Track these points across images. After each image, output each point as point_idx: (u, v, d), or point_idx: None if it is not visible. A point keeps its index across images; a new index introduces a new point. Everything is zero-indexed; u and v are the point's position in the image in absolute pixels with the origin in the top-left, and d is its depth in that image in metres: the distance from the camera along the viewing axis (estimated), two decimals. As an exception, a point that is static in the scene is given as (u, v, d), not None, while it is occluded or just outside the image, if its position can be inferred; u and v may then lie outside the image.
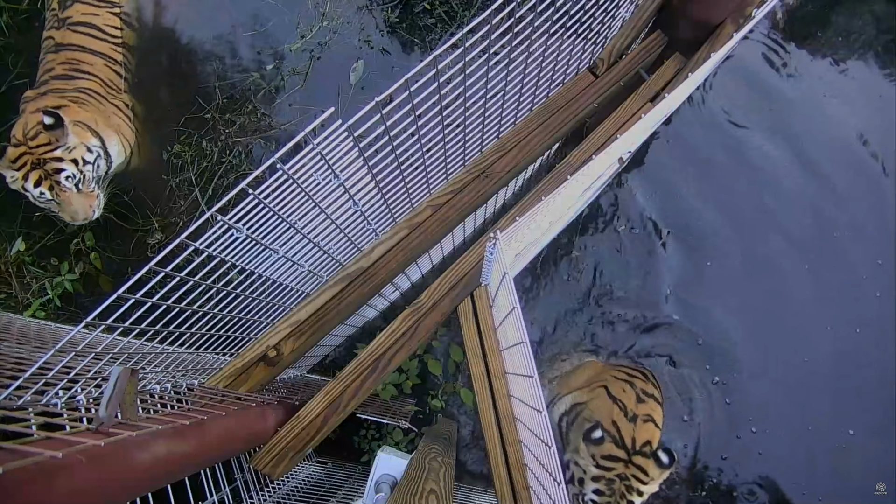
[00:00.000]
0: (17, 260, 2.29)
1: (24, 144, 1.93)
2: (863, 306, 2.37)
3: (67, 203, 2.01)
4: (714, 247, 2.41)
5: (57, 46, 2.20)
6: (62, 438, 0.65)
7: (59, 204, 2.01)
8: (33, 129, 1.93)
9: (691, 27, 1.58)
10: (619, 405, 1.87)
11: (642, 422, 1.82)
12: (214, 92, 2.44)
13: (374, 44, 2.49)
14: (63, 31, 2.21)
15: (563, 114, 1.52)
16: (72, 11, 2.24)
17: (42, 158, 1.94)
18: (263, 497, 1.46)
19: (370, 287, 1.41)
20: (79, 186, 2.02)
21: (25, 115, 2.02)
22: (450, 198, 1.43)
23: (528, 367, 0.91)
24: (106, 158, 2.13)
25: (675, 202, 2.45)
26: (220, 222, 0.87)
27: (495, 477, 1.28)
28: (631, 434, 1.79)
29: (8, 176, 1.96)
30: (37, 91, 2.12)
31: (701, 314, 2.36)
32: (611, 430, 1.80)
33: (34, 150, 1.93)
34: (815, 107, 2.57)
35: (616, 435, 1.79)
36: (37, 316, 2.18)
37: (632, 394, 1.90)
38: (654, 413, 1.87)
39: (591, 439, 1.73)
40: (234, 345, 1.37)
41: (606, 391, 1.93)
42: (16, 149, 1.93)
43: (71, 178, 1.98)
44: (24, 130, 1.95)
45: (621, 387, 1.94)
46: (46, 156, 1.94)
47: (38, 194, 1.97)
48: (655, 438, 1.81)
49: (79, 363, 0.89)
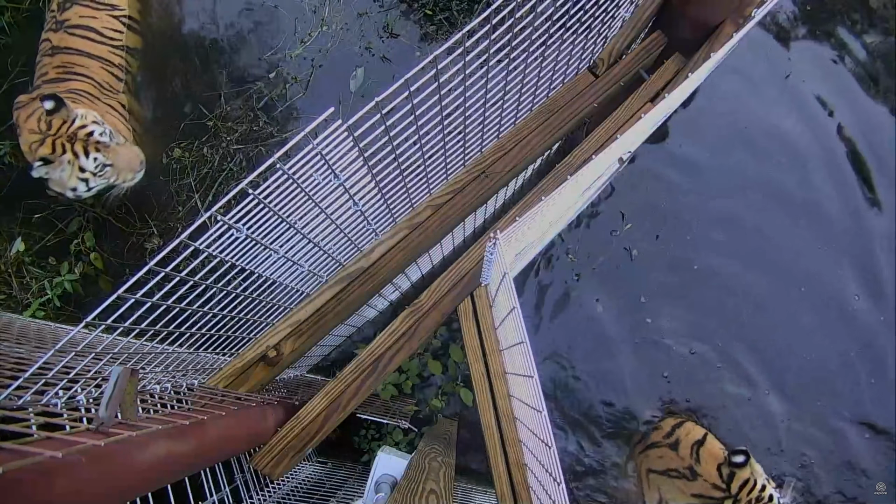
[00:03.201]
0: (17, 260, 2.29)
1: (47, 135, 1.95)
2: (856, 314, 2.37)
3: (117, 156, 2.05)
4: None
5: (53, 49, 2.19)
6: (62, 438, 0.65)
7: (113, 164, 2.04)
8: (43, 121, 1.95)
9: (691, 27, 1.58)
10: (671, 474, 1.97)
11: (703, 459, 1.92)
12: (218, 99, 2.44)
13: (374, 50, 2.49)
14: (60, 33, 2.20)
15: (563, 114, 1.52)
16: (70, 14, 2.22)
17: (71, 134, 1.96)
18: (263, 497, 1.46)
19: (370, 287, 1.41)
20: (114, 139, 2.06)
21: (30, 114, 2.01)
22: (450, 198, 1.43)
23: (528, 367, 0.91)
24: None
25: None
26: (221, 222, 0.87)
27: (495, 477, 1.28)
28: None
29: (59, 170, 1.97)
30: (29, 96, 2.11)
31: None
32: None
33: (59, 134, 1.95)
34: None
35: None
36: (37, 316, 2.18)
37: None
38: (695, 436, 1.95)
39: (734, 463, 1.85)
40: (234, 345, 1.37)
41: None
42: (43, 143, 1.95)
43: (104, 133, 2.02)
44: (37, 125, 1.96)
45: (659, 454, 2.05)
46: (72, 130, 1.96)
47: (94, 164, 1.99)
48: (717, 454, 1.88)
49: (79, 363, 0.89)
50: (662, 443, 2.07)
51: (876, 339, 2.34)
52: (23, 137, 2.01)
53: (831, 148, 2.51)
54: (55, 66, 2.16)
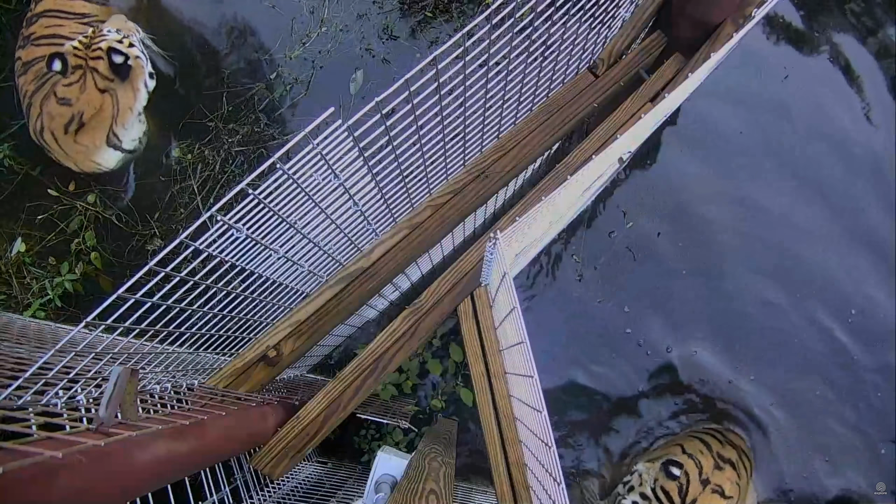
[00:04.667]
0: (18, 260, 2.29)
1: (84, 66, 2.06)
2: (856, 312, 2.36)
3: (114, 21, 2.20)
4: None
5: (24, 66, 2.18)
6: (62, 438, 0.65)
7: (119, 27, 2.17)
8: (70, 76, 2.05)
9: (691, 27, 1.58)
10: (695, 462, 1.92)
11: (710, 491, 1.86)
12: (221, 99, 2.44)
13: (374, 52, 2.49)
14: (28, 48, 2.19)
15: (563, 114, 1.52)
16: (35, 27, 2.21)
17: (86, 52, 2.06)
18: (263, 497, 1.46)
19: (370, 287, 1.41)
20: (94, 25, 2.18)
21: (51, 93, 2.08)
22: (450, 198, 1.43)
23: (528, 367, 0.91)
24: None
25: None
26: (221, 222, 0.87)
27: (495, 477, 1.28)
28: (695, 496, 1.85)
29: (136, 76, 2.15)
30: (35, 117, 2.12)
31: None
32: (683, 478, 1.87)
33: (86, 58, 2.06)
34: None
35: (684, 484, 1.86)
36: (37, 316, 2.18)
37: (709, 457, 1.95)
38: (724, 485, 1.90)
39: (668, 472, 1.83)
40: (234, 345, 1.37)
41: (682, 448, 2.00)
42: (95, 66, 2.07)
43: (86, 32, 2.13)
44: (69, 87, 2.05)
45: (697, 447, 1.99)
46: (82, 48, 2.06)
47: (118, 35, 2.11)
48: None
49: (79, 363, 0.89)
50: (714, 448, 2.03)
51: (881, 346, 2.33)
52: (84, 103, 2.07)
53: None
54: (31, 80, 2.15)
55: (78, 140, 2.11)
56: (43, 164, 2.35)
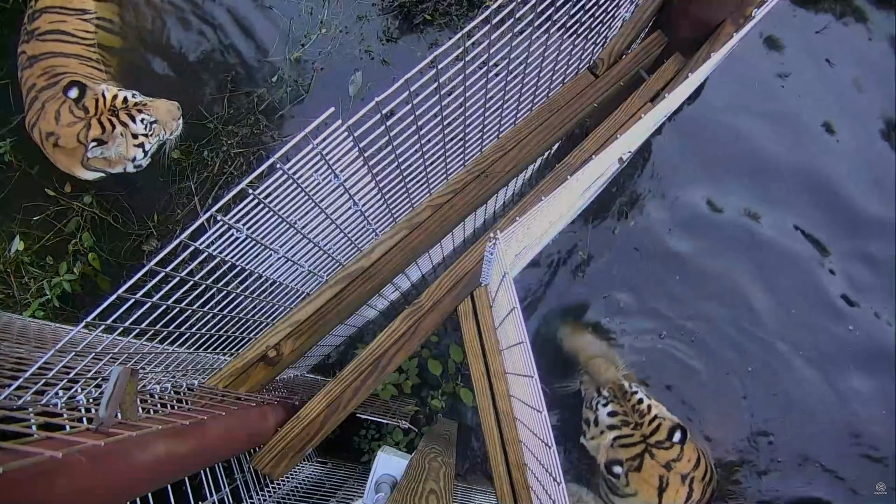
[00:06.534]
0: (16, 260, 2.29)
1: (89, 118, 2.02)
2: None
3: (158, 109, 2.12)
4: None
5: (30, 60, 2.19)
6: (62, 438, 0.65)
7: (156, 117, 2.10)
8: (76, 108, 2.01)
9: (691, 27, 1.58)
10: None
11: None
12: (222, 102, 2.44)
13: (374, 54, 2.48)
14: (33, 42, 2.20)
15: (563, 114, 1.52)
16: (39, 23, 2.22)
17: (111, 108, 2.03)
18: (263, 497, 1.46)
19: (370, 287, 1.41)
20: (143, 97, 2.13)
21: (56, 112, 2.05)
22: (450, 198, 1.43)
23: (528, 367, 0.91)
24: None
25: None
26: (220, 222, 0.87)
27: (495, 477, 1.28)
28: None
29: (115, 145, 2.03)
30: (34, 111, 2.11)
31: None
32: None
33: (100, 111, 2.01)
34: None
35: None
36: (36, 316, 2.18)
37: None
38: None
39: (612, 471, 1.84)
40: (234, 345, 1.37)
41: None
42: (90, 126, 2.01)
43: (135, 94, 2.10)
44: (73, 115, 2.01)
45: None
46: (109, 104, 2.03)
47: (143, 125, 2.07)
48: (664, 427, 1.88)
49: (79, 363, 0.89)
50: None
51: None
52: (64, 135, 2.03)
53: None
54: (39, 75, 2.16)
55: (55, 153, 2.13)
56: (40, 164, 2.35)
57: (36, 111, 2.11)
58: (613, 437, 1.89)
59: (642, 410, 1.89)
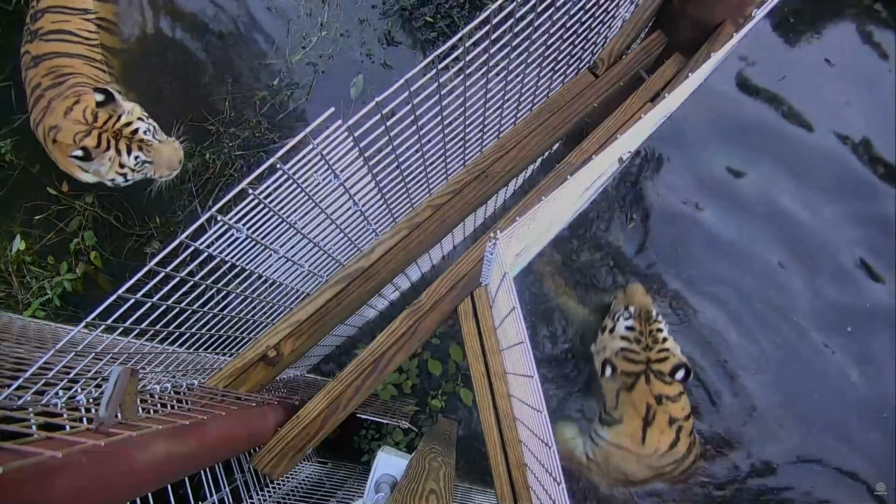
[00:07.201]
0: (17, 259, 2.29)
1: (93, 126, 1.98)
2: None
3: (159, 155, 2.06)
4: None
5: (34, 60, 2.18)
6: (62, 438, 0.65)
7: (153, 161, 2.06)
8: (91, 112, 1.98)
9: (691, 27, 1.58)
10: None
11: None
12: (224, 104, 2.43)
13: (375, 57, 2.48)
14: (36, 42, 2.19)
15: (563, 114, 1.52)
16: (42, 22, 2.21)
17: (116, 130, 1.98)
18: (263, 497, 1.46)
19: (370, 287, 1.41)
20: (157, 137, 2.08)
21: (70, 107, 2.02)
22: (450, 198, 1.43)
23: (528, 367, 0.91)
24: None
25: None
26: (221, 222, 0.87)
27: (495, 477, 1.28)
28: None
29: (97, 163, 1.99)
30: (40, 109, 2.10)
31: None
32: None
33: (105, 127, 1.98)
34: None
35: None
36: (37, 316, 2.18)
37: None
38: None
39: (604, 372, 1.92)
40: (234, 345, 1.37)
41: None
42: (89, 135, 1.97)
43: (148, 131, 2.04)
44: (83, 116, 1.98)
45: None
46: (118, 126, 1.98)
47: (134, 161, 2.02)
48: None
49: (79, 363, 0.89)
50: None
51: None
52: (64, 129, 2.01)
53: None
54: (43, 74, 2.15)
55: (54, 149, 2.12)
56: (42, 163, 2.34)
57: (41, 109, 2.10)
58: (621, 348, 1.94)
59: (658, 338, 1.93)
